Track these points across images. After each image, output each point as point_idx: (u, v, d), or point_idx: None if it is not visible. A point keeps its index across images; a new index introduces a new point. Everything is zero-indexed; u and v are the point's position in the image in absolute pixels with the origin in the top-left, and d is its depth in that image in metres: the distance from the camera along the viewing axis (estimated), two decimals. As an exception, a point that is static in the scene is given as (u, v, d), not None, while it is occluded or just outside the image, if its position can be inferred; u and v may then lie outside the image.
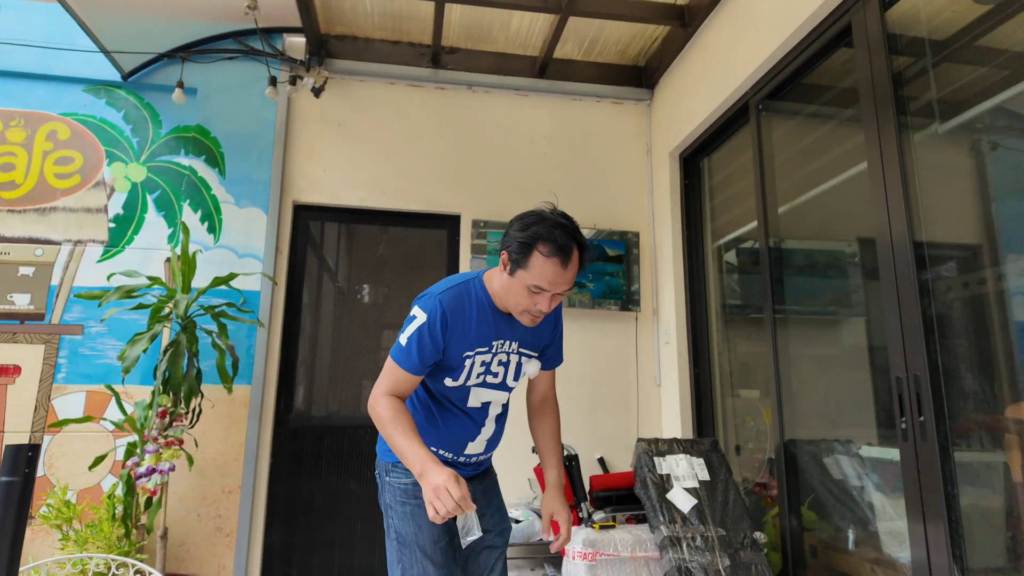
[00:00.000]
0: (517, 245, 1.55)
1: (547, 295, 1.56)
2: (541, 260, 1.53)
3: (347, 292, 3.61)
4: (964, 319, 2.05)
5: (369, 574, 3.29)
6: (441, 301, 1.58)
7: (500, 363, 1.72)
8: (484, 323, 1.64)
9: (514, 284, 1.58)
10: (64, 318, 3.06)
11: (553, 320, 1.83)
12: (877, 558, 2.31)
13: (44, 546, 2.77)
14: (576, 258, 1.58)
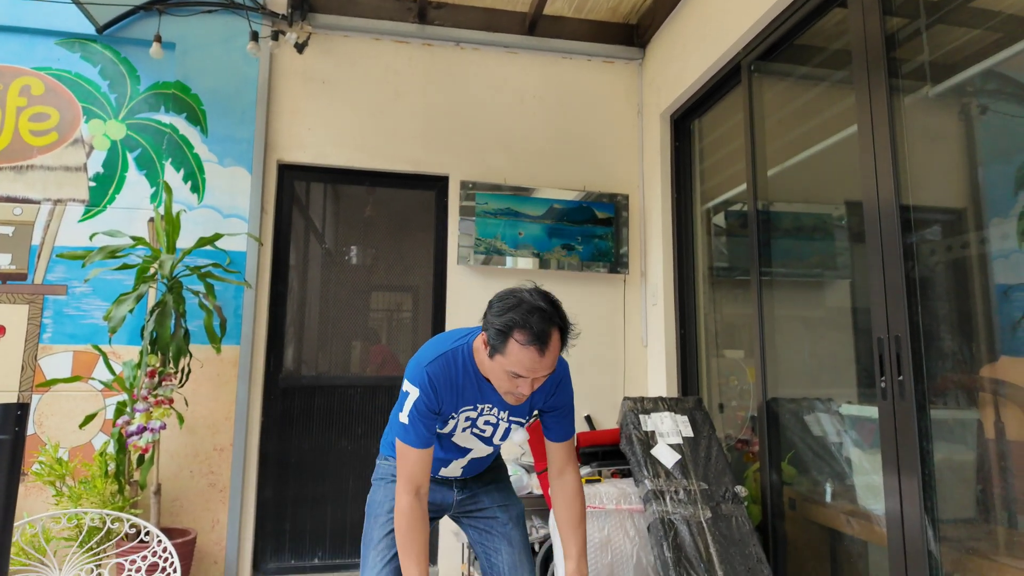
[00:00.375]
0: (494, 331, 1.52)
1: (527, 379, 1.53)
2: (518, 348, 1.49)
3: (334, 254, 3.59)
4: (946, 282, 2.10)
5: (358, 527, 3.37)
6: (428, 373, 1.60)
7: (487, 423, 1.75)
8: (470, 389, 1.65)
9: (495, 367, 1.56)
10: (47, 278, 3.02)
11: (552, 388, 1.76)
12: (853, 510, 2.40)
13: (38, 502, 2.80)
14: (556, 342, 1.52)
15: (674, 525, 2.44)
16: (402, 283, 3.66)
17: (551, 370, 1.54)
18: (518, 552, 1.79)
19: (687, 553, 2.37)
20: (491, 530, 1.84)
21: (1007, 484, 1.90)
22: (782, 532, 2.72)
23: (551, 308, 1.52)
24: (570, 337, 1.57)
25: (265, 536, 3.25)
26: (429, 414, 1.60)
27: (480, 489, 1.90)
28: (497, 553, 1.80)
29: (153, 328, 2.72)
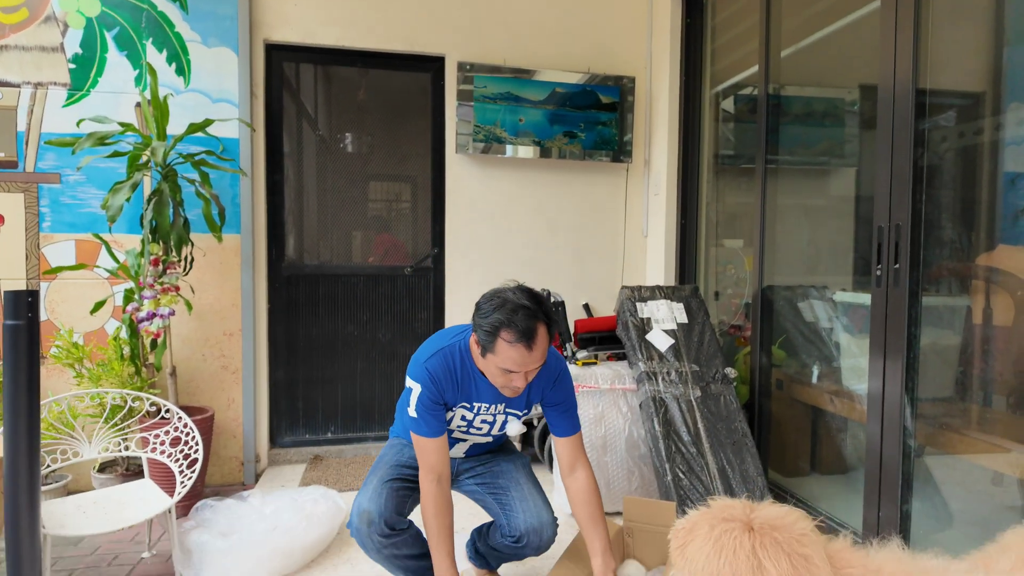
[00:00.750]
0: (483, 333, 1.61)
1: (520, 373, 1.61)
2: (506, 346, 1.56)
3: (329, 141, 3.50)
4: (953, 169, 2.06)
5: (370, 405, 3.56)
6: (428, 368, 1.70)
7: (484, 421, 1.83)
8: (467, 385, 1.74)
9: (487, 365, 1.64)
10: (39, 166, 2.97)
11: (550, 383, 1.81)
12: (837, 390, 2.53)
13: (61, 382, 2.94)
14: (543, 336, 1.59)
15: (665, 403, 2.57)
16: (400, 172, 3.60)
17: (541, 363, 1.63)
18: (527, 489, 1.84)
19: (676, 427, 2.52)
20: (498, 478, 1.90)
21: (987, 366, 1.98)
22: (767, 410, 2.87)
23: (535, 305, 1.60)
24: (555, 327, 1.66)
25: (279, 413, 3.44)
26: (434, 405, 1.69)
27: (485, 454, 2.00)
28: (506, 492, 1.85)
29: (152, 217, 2.71)
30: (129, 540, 2.50)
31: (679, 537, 1.13)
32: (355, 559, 2.31)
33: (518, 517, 1.78)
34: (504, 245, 3.59)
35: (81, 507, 2.03)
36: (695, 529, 1.12)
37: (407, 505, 1.76)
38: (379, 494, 1.71)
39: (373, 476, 1.79)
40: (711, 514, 1.13)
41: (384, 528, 1.66)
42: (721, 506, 1.15)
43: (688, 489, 2.36)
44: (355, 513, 1.71)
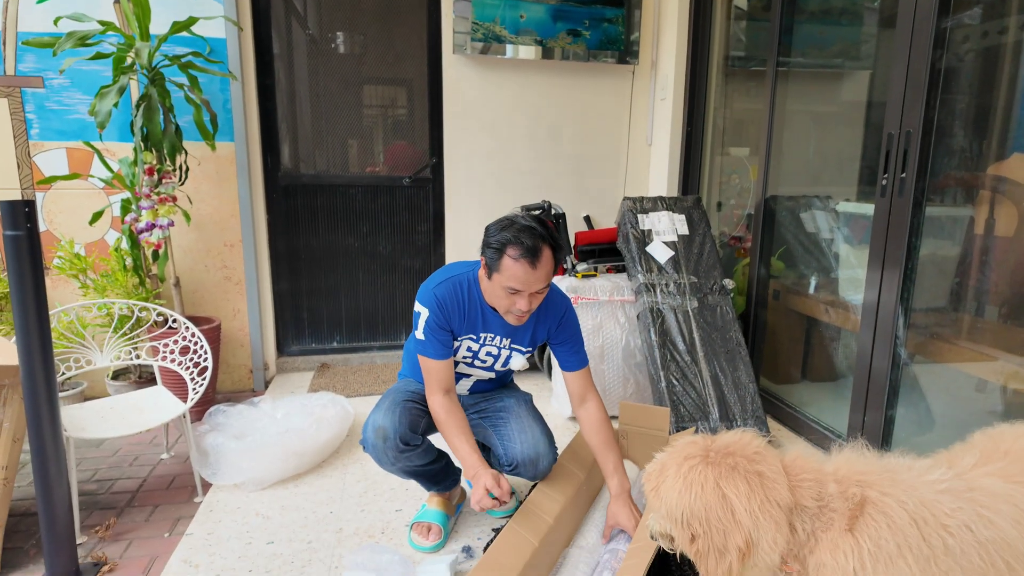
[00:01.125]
0: (490, 251, 1.66)
1: (524, 295, 1.65)
2: (511, 263, 1.61)
3: (320, 41, 3.33)
4: (972, 72, 1.97)
5: (373, 315, 3.63)
6: (436, 294, 1.73)
7: (488, 354, 1.87)
8: (473, 315, 1.78)
9: (493, 287, 1.68)
10: (19, 69, 2.85)
11: (556, 321, 1.85)
12: (832, 300, 2.56)
13: (67, 293, 2.98)
14: (547, 257, 1.64)
15: (662, 313, 2.62)
16: (395, 75, 3.45)
17: (545, 284, 1.66)
18: (527, 421, 1.88)
19: (672, 337, 2.58)
20: (499, 412, 1.94)
21: (983, 276, 1.99)
22: (763, 320, 2.93)
23: (542, 228, 1.66)
24: (561, 254, 1.71)
25: (285, 323, 3.51)
26: (441, 331, 1.74)
27: (490, 391, 2.03)
28: (505, 423, 1.89)
29: (142, 123, 2.63)
30: (148, 443, 2.63)
31: (651, 479, 1.18)
32: (364, 459, 2.44)
33: (515, 447, 1.83)
34: (505, 154, 3.51)
35: (99, 412, 2.12)
36: (664, 470, 1.17)
37: (421, 424, 1.82)
38: (393, 412, 1.76)
39: (385, 399, 1.84)
40: (676, 453, 1.18)
41: (399, 444, 1.74)
42: (683, 444, 1.20)
43: (681, 395, 2.45)
44: (369, 429, 1.76)
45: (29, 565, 1.80)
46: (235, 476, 2.16)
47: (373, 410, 1.82)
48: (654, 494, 1.17)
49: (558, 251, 1.68)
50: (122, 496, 2.19)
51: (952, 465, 1.20)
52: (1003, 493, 1.11)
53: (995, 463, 1.18)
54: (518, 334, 1.84)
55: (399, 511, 2.06)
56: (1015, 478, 1.14)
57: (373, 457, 1.79)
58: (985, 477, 1.15)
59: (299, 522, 1.99)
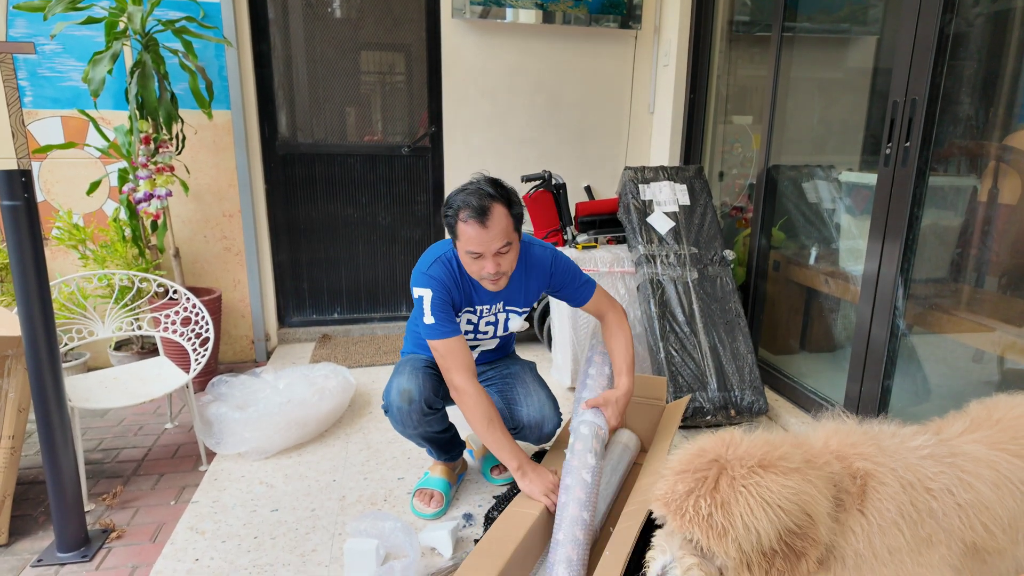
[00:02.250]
0: (448, 222, 1.68)
1: (487, 257, 1.65)
2: (463, 227, 1.64)
3: (315, 5, 3.25)
4: (982, 38, 1.93)
5: (374, 287, 3.63)
6: (431, 275, 1.74)
7: (488, 323, 1.88)
8: (467, 289, 1.79)
9: (462, 257, 1.70)
10: (10, 35, 2.79)
11: (546, 277, 1.87)
12: (832, 271, 2.56)
13: (67, 264, 2.98)
14: (499, 214, 1.63)
15: (662, 285, 2.62)
16: (392, 40, 3.38)
17: (503, 241, 1.65)
18: (532, 386, 1.92)
19: (671, 308, 2.58)
20: (506, 379, 1.97)
21: (985, 247, 1.98)
22: (762, 291, 2.93)
23: (492, 188, 1.66)
24: (517, 209, 1.69)
25: (285, 294, 3.52)
26: (447, 306, 1.74)
27: (496, 358, 2.06)
28: (512, 389, 1.94)
29: (137, 91, 2.59)
30: (151, 413, 2.66)
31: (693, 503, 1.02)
32: (366, 429, 2.47)
33: (521, 410, 1.88)
34: (504, 123, 3.46)
35: (103, 382, 2.14)
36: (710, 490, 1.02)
37: (441, 390, 1.85)
38: (416, 376, 1.78)
39: (404, 366, 1.84)
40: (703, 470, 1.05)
41: (424, 407, 1.77)
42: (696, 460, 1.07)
43: (680, 366, 2.47)
44: (394, 393, 1.78)
45: (39, 532, 1.84)
46: (239, 445, 2.19)
47: (394, 377, 1.83)
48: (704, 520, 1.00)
49: (512, 206, 1.68)
50: (128, 465, 2.23)
51: (940, 432, 1.22)
52: (985, 459, 1.13)
53: (983, 431, 1.20)
54: (511, 296, 1.86)
55: (401, 479, 2.10)
56: (1000, 445, 1.16)
57: (395, 420, 1.81)
58: (969, 443, 1.17)
59: (303, 490, 2.03)
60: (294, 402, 2.29)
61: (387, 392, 1.83)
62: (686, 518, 1.01)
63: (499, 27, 3.30)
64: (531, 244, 1.85)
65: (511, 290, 1.84)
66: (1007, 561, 1.12)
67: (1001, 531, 1.09)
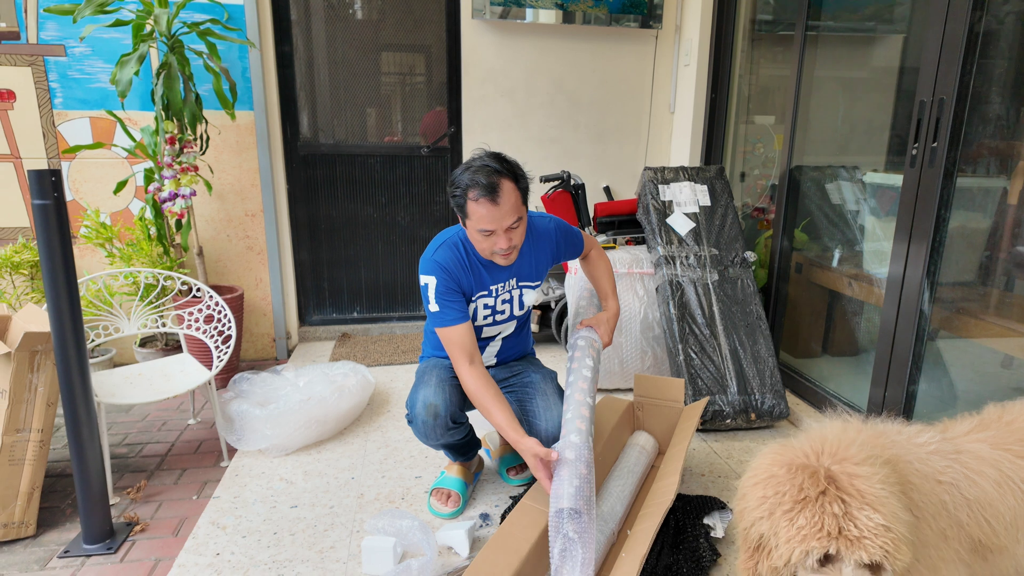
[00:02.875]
0: (456, 203, 1.67)
1: (499, 233, 1.65)
2: (474, 206, 1.62)
3: (337, 6, 3.28)
4: (1012, 36, 1.88)
5: (393, 287, 3.66)
6: (437, 260, 1.73)
7: (504, 301, 1.87)
8: (477, 271, 1.78)
9: (473, 235, 1.69)
10: (41, 37, 2.86)
11: (552, 244, 1.90)
12: (856, 274, 2.51)
13: (94, 262, 3.04)
14: (508, 190, 1.62)
15: (681, 286, 2.59)
16: (413, 41, 3.40)
17: (514, 217, 1.64)
18: (552, 399, 1.87)
19: (691, 310, 2.56)
20: (526, 388, 1.93)
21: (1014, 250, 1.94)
22: (784, 293, 2.89)
23: (498, 163, 1.64)
24: (524, 182, 1.69)
25: (306, 293, 3.55)
26: (453, 292, 1.74)
27: (516, 363, 2.04)
28: (531, 400, 1.88)
29: (163, 92, 2.64)
30: (175, 409, 2.70)
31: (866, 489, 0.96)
32: (385, 427, 2.48)
33: (539, 423, 1.83)
34: (524, 123, 3.46)
35: (128, 378, 2.18)
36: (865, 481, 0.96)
37: (465, 403, 1.85)
38: (442, 389, 1.77)
39: (429, 376, 1.83)
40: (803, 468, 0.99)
41: (449, 422, 1.77)
42: (790, 455, 1.03)
43: (699, 368, 2.45)
44: (419, 406, 1.76)
45: (66, 524, 1.88)
46: (259, 442, 2.22)
47: (418, 387, 1.82)
48: (861, 529, 0.92)
49: (519, 180, 1.68)
50: (152, 460, 2.27)
51: (945, 431, 1.22)
52: (988, 457, 1.14)
53: (989, 431, 1.20)
54: (522, 271, 1.86)
55: (419, 478, 2.11)
56: (1004, 445, 1.17)
57: (419, 432, 1.80)
58: (973, 442, 1.17)
59: (322, 487, 2.05)
60: (314, 400, 2.31)
61: (412, 403, 1.81)
62: (850, 536, 0.92)
63: (519, 27, 3.30)
64: (532, 217, 1.88)
65: (522, 265, 1.85)
66: (1007, 560, 1.13)
67: (1004, 529, 1.10)
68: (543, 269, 1.91)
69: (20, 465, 1.78)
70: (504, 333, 1.97)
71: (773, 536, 0.99)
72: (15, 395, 1.76)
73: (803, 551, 0.94)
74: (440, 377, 1.82)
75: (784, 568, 0.98)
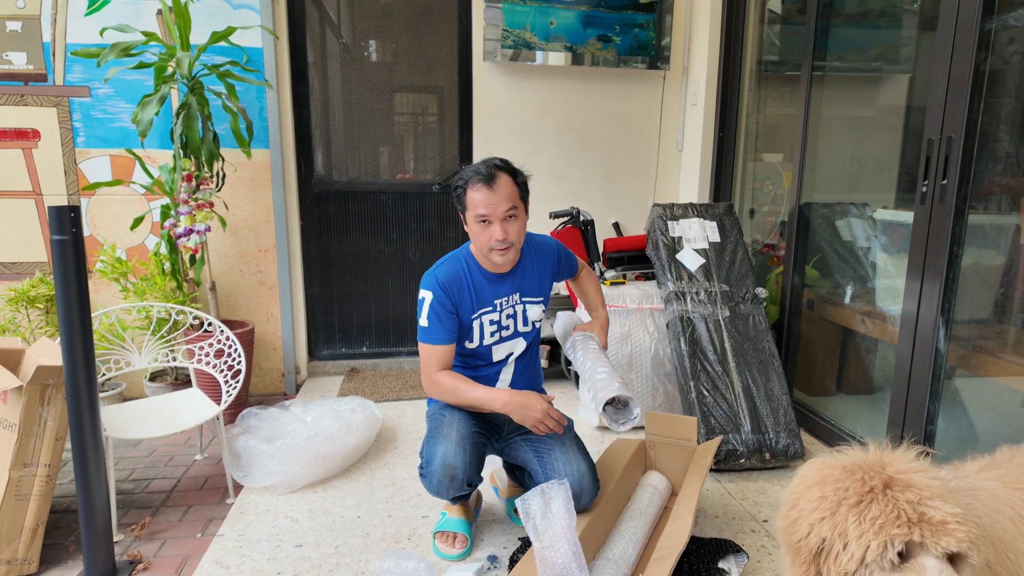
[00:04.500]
0: (456, 198, 1.78)
1: (494, 222, 1.71)
2: (472, 193, 1.72)
3: (352, 49, 3.38)
4: (1019, 74, 1.90)
5: (402, 322, 3.66)
6: (436, 276, 1.79)
7: (508, 316, 1.90)
8: (480, 286, 1.82)
9: (471, 228, 1.76)
10: (67, 79, 2.96)
11: (553, 260, 1.96)
12: (869, 311, 2.49)
13: (108, 296, 3.08)
14: (505, 181, 1.73)
15: (692, 322, 2.58)
16: (425, 83, 3.49)
17: (509, 204, 1.73)
18: (572, 452, 1.82)
19: (702, 347, 2.53)
20: (543, 437, 1.85)
21: (1030, 288, 1.91)
22: (797, 330, 2.86)
23: (498, 160, 1.77)
24: (521, 178, 1.79)
25: (316, 327, 3.56)
26: (446, 313, 1.77)
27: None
28: (550, 452, 1.83)
29: (182, 131, 2.71)
30: (182, 444, 2.69)
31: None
32: (392, 464, 2.45)
33: (559, 478, 1.74)
34: (533, 161, 3.51)
35: (137, 413, 2.18)
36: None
37: (484, 461, 1.84)
38: (463, 448, 1.73)
39: (449, 429, 1.78)
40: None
41: (464, 485, 1.75)
42: (854, 467, 0.96)
43: (711, 406, 2.41)
44: (437, 463, 1.72)
45: (68, 561, 1.86)
46: (265, 479, 2.19)
47: (436, 441, 1.77)
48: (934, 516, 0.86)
49: (517, 176, 1.78)
50: (157, 496, 2.25)
51: (956, 469, 1.20)
52: (1003, 496, 1.12)
53: (1000, 470, 1.18)
54: (525, 285, 1.89)
55: (425, 518, 2.07)
56: (1013, 484, 1.14)
57: (431, 487, 1.77)
58: (985, 480, 1.15)
59: (327, 526, 2.01)
60: (321, 435, 2.29)
61: (428, 457, 1.77)
62: (933, 523, 0.83)
63: (529, 69, 3.38)
64: (534, 235, 1.95)
65: (524, 279, 1.88)
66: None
67: (1019, 568, 1.06)
68: (546, 285, 1.95)
69: (26, 500, 1.77)
70: (515, 353, 1.94)
71: (839, 537, 0.89)
72: (24, 429, 1.76)
73: (880, 543, 0.84)
74: (461, 433, 1.77)
75: (858, 570, 0.88)
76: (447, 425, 1.80)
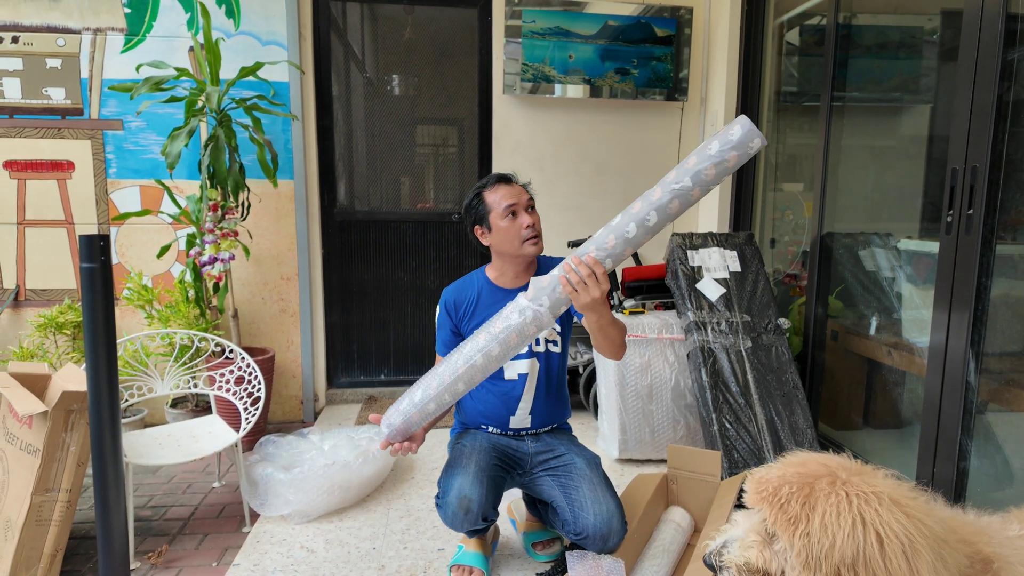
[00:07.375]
0: (475, 211, 1.85)
1: (521, 209, 1.80)
2: (489, 195, 1.82)
3: (376, 83, 3.47)
4: (1045, 104, 1.88)
5: (420, 350, 3.66)
6: (444, 295, 1.92)
7: None
8: (486, 302, 1.87)
9: (497, 228, 1.81)
10: (102, 113, 3.07)
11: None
12: (896, 343, 2.44)
13: (133, 323, 3.13)
14: (518, 184, 1.86)
15: (713, 353, 2.54)
16: (446, 115, 3.55)
17: (528, 195, 1.85)
18: (600, 490, 1.76)
19: (724, 378, 2.49)
20: (570, 473, 1.82)
21: (1064, 320, 1.86)
22: (821, 362, 2.80)
23: (506, 174, 1.88)
24: (528, 192, 1.87)
25: (335, 355, 3.58)
26: (448, 328, 1.90)
27: (554, 440, 1.94)
28: (578, 490, 1.77)
29: (209, 162, 2.78)
30: (201, 471, 2.70)
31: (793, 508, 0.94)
32: (408, 495, 2.43)
33: (587, 518, 1.70)
34: (551, 191, 3.54)
35: (157, 439, 2.20)
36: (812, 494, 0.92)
37: (501, 496, 1.81)
38: (480, 481, 1.71)
39: (468, 461, 1.76)
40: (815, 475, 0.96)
41: (479, 519, 1.72)
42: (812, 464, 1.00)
43: (734, 439, 2.36)
44: (453, 495, 1.69)
45: (86, 588, 1.85)
46: (282, 508, 2.18)
47: (454, 472, 1.74)
48: (779, 502, 0.93)
49: (526, 187, 1.88)
50: (175, 523, 2.25)
51: (1020, 521, 1.12)
52: None
53: None
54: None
55: (441, 550, 2.04)
56: None
57: (446, 519, 1.74)
58: None
59: (342, 557, 1.99)
60: (338, 464, 2.29)
61: (445, 488, 1.73)
62: (762, 495, 0.94)
63: (548, 102, 3.43)
64: (552, 258, 1.97)
65: None
66: None
67: None
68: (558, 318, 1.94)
69: (46, 526, 1.78)
70: (529, 374, 1.87)
71: None
72: (48, 454, 1.78)
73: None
74: (480, 466, 1.75)
75: None
76: (466, 456, 1.78)
